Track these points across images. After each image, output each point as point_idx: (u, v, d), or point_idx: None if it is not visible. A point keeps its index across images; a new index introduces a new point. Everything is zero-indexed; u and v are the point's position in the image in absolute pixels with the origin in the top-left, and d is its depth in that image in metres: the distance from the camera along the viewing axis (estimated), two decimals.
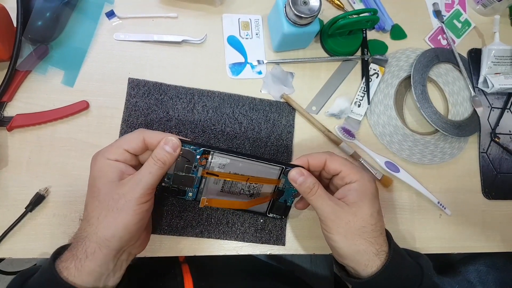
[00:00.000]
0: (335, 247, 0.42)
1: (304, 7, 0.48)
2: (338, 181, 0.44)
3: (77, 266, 0.37)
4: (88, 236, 0.38)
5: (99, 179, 0.39)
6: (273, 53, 0.58)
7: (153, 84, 0.53)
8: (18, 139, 0.49)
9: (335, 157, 0.44)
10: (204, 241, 0.51)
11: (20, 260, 0.95)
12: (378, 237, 0.42)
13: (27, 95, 0.50)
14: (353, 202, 0.41)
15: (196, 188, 0.44)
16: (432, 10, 0.65)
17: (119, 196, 0.38)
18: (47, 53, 0.50)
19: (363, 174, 0.43)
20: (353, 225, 0.41)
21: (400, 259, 0.43)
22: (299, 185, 0.42)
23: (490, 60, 0.62)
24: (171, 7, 0.56)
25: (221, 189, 0.45)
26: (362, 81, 0.59)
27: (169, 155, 0.40)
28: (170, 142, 0.40)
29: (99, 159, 0.40)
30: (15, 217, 0.46)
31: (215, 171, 0.43)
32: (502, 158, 0.62)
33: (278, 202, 0.47)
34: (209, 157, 0.42)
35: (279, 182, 0.45)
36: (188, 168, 0.43)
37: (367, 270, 0.41)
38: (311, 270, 0.68)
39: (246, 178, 0.44)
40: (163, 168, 0.40)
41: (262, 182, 0.45)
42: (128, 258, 0.41)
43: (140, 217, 0.39)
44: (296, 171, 0.43)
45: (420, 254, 0.47)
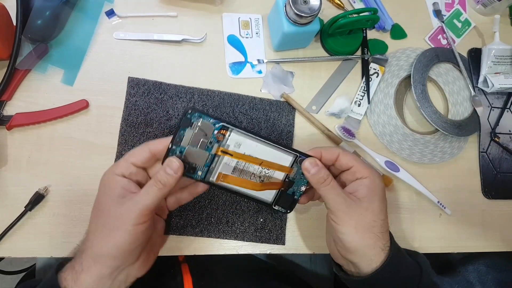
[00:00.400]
0: (343, 240, 0.41)
1: (304, 6, 0.48)
2: (348, 176, 0.44)
3: (73, 278, 0.37)
4: (85, 250, 0.38)
5: (103, 194, 0.40)
6: (273, 52, 0.58)
7: (153, 83, 0.52)
8: (17, 138, 0.49)
9: (347, 152, 0.44)
10: (204, 241, 0.51)
11: (20, 260, 0.95)
12: (385, 232, 0.42)
13: (26, 94, 0.50)
14: (364, 197, 0.42)
15: (206, 167, 0.43)
16: (432, 9, 0.65)
17: (117, 215, 0.38)
18: (47, 52, 0.50)
19: (373, 171, 0.43)
20: (364, 218, 0.41)
21: (400, 256, 0.43)
22: (312, 175, 0.42)
23: (490, 60, 0.62)
24: (171, 6, 0.56)
25: (231, 172, 0.44)
26: (362, 81, 0.59)
27: (170, 177, 0.39)
28: (173, 164, 0.40)
29: (107, 174, 0.41)
30: (14, 216, 0.46)
31: (229, 150, 0.42)
32: (502, 158, 0.62)
33: (286, 194, 0.46)
34: (226, 133, 0.42)
35: (291, 171, 0.45)
36: (203, 143, 0.42)
37: (371, 265, 0.41)
38: (311, 270, 0.68)
39: (260, 162, 0.43)
40: (163, 190, 0.39)
41: (274, 168, 0.44)
42: (127, 280, 0.41)
43: (135, 238, 0.38)
44: (310, 161, 0.43)
45: (418, 253, 0.47)
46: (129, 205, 0.38)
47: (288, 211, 0.47)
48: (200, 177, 0.43)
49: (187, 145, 0.41)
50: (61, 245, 0.47)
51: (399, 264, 0.42)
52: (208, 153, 0.42)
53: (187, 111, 0.40)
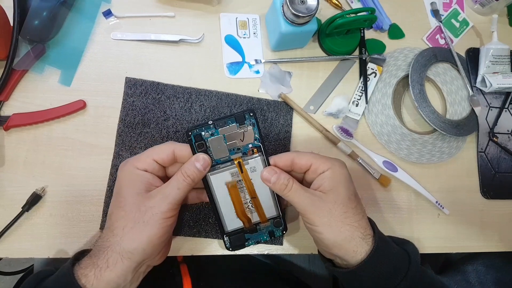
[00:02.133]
0: (321, 239, 0.41)
1: (302, 6, 0.48)
2: (311, 175, 0.43)
3: (96, 275, 0.36)
4: (111, 246, 0.37)
5: (126, 188, 0.39)
6: (270, 52, 0.58)
7: (150, 83, 0.52)
8: (14, 139, 0.49)
9: (302, 153, 0.43)
10: (201, 241, 0.51)
11: (18, 260, 0.95)
12: (360, 220, 0.41)
13: (23, 95, 0.50)
14: (329, 189, 0.41)
15: (216, 162, 0.42)
16: (430, 9, 0.65)
17: (146, 208, 0.38)
18: (44, 52, 0.50)
19: (333, 161, 0.42)
20: (335, 212, 0.40)
21: (386, 245, 0.42)
22: (273, 184, 0.42)
23: (488, 60, 0.62)
24: (169, 6, 0.56)
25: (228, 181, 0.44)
26: (360, 81, 0.59)
27: (199, 173, 0.40)
28: (202, 160, 0.40)
29: (127, 168, 0.40)
30: (11, 216, 0.46)
31: (244, 167, 0.43)
32: (500, 158, 0.62)
33: (243, 234, 0.46)
34: (256, 153, 0.42)
35: (264, 223, 0.46)
36: (233, 144, 0.42)
37: (356, 257, 0.40)
38: (309, 270, 0.68)
39: (253, 195, 0.44)
40: (191, 184, 0.40)
41: (257, 210, 0.45)
42: (146, 270, 0.41)
43: (165, 231, 0.39)
44: (268, 170, 0.42)
45: (406, 241, 0.46)
46: (157, 199, 0.39)
47: (230, 248, 0.46)
48: None
49: (221, 134, 0.41)
50: (58, 246, 0.47)
51: (385, 254, 0.41)
52: (228, 155, 0.42)
53: (253, 110, 0.41)
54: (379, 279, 0.40)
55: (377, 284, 0.40)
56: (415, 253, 0.43)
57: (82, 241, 0.48)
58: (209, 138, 0.41)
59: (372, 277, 0.40)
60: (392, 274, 0.40)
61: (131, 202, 0.38)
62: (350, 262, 0.41)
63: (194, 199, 0.47)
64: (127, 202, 0.39)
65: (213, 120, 0.41)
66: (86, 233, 0.48)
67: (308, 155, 0.43)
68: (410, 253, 0.42)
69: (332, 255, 0.43)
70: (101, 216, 0.48)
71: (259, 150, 0.42)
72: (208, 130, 0.41)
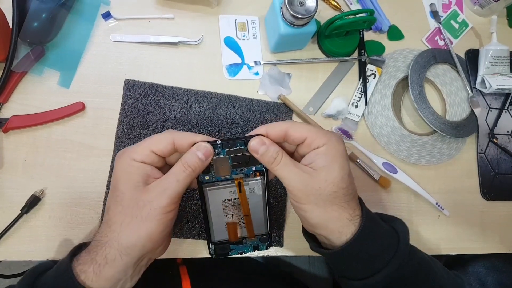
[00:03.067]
0: (306, 217, 0.38)
1: (301, 8, 0.48)
2: (305, 149, 0.39)
3: (95, 271, 0.35)
4: (109, 241, 0.36)
5: (123, 181, 0.37)
6: (270, 54, 0.58)
7: (149, 85, 0.52)
8: (13, 141, 0.49)
9: (297, 124, 0.39)
10: (201, 243, 0.51)
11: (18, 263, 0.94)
12: (350, 201, 0.39)
13: (23, 97, 0.50)
14: (322, 166, 0.37)
15: (216, 179, 0.41)
16: (429, 10, 0.65)
17: (144, 203, 0.36)
18: (43, 54, 0.50)
19: (330, 136, 0.39)
20: (324, 191, 0.37)
21: (373, 226, 0.40)
22: (261, 156, 0.38)
23: (488, 61, 0.62)
24: (168, 8, 0.56)
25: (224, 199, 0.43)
26: (359, 82, 0.59)
27: (200, 162, 0.38)
28: (204, 149, 0.38)
29: (124, 159, 0.38)
30: (10, 219, 0.46)
31: (243, 188, 0.42)
32: (500, 159, 0.62)
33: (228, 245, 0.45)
34: (258, 177, 0.41)
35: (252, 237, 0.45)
36: (237, 165, 0.40)
37: (341, 238, 0.38)
38: (309, 272, 0.68)
39: (247, 213, 0.43)
40: (192, 175, 0.37)
41: (247, 226, 0.44)
42: (147, 263, 0.40)
43: (165, 226, 0.37)
44: (257, 140, 0.38)
45: (395, 218, 0.43)
46: (156, 192, 0.36)
47: (213, 255, 0.45)
48: (204, 179, 0.41)
49: (226, 154, 0.39)
50: (57, 248, 0.47)
51: (373, 235, 0.39)
52: (230, 174, 0.41)
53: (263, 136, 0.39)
54: (366, 260, 0.38)
55: (364, 265, 0.38)
56: (404, 231, 0.40)
57: (90, 238, 0.48)
58: (215, 157, 0.39)
59: (358, 257, 0.38)
60: (380, 254, 0.38)
61: (128, 196, 0.36)
62: (334, 242, 0.39)
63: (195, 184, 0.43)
64: (124, 197, 0.36)
65: (222, 140, 0.39)
66: (85, 235, 0.48)
67: (304, 127, 0.39)
68: (399, 231, 0.40)
69: (316, 233, 0.41)
70: (100, 218, 0.48)
71: (261, 173, 0.41)
72: (216, 148, 0.39)
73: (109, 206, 0.38)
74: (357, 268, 0.39)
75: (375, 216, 0.41)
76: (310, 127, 0.39)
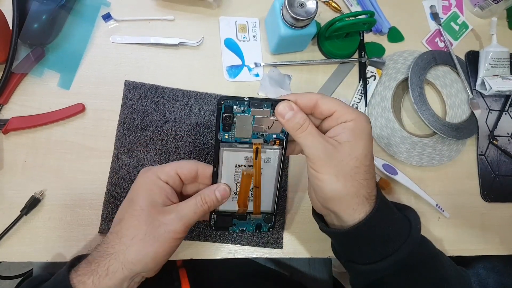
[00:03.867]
0: (322, 188, 0.37)
1: (301, 9, 0.48)
2: (332, 122, 0.38)
3: (94, 282, 0.36)
4: (115, 253, 0.37)
5: (144, 196, 0.38)
6: (270, 55, 0.58)
7: (149, 86, 0.52)
8: (13, 142, 0.49)
9: (327, 97, 0.39)
10: (200, 245, 0.51)
11: (18, 265, 0.94)
12: (370, 179, 0.38)
13: (23, 98, 0.50)
14: (347, 141, 0.37)
15: (235, 141, 0.40)
16: (429, 12, 0.65)
17: (160, 223, 0.37)
18: (43, 55, 0.50)
19: (359, 114, 0.38)
20: (346, 165, 0.36)
21: (387, 209, 0.39)
22: (287, 121, 0.37)
23: (488, 62, 0.62)
24: (168, 10, 0.56)
25: (238, 164, 0.42)
26: (360, 84, 0.59)
27: (216, 202, 0.40)
28: (222, 190, 0.40)
29: (150, 176, 0.40)
30: (10, 220, 0.46)
31: (260, 155, 0.41)
32: (501, 161, 0.62)
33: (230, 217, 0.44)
34: (278, 145, 0.41)
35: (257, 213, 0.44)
36: (259, 128, 0.39)
37: (354, 215, 0.37)
38: (309, 274, 0.68)
39: (258, 185, 0.43)
40: (206, 211, 0.40)
41: (255, 200, 0.43)
42: (140, 281, 0.41)
43: (171, 249, 0.39)
44: (285, 104, 0.37)
45: (408, 207, 0.43)
46: (173, 216, 0.38)
47: (214, 227, 0.44)
48: (223, 137, 0.40)
49: (252, 114, 0.39)
50: (57, 249, 0.47)
51: (386, 218, 0.38)
52: (250, 137, 0.40)
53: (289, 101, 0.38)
54: (377, 243, 0.38)
55: (373, 248, 0.38)
56: (417, 220, 0.40)
57: (81, 244, 0.48)
58: (239, 113, 0.39)
59: (369, 239, 0.38)
60: (392, 238, 0.38)
61: (146, 212, 0.38)
62: (346, 221, 0.38)
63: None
64: (142, 212, 0.38)
65: (250, 98, 0.38)
66: (85, 236, 0.48)
67: (334, 100, 0.38)
68: (411, 219, 0.40)
69: (326, 210, 0.40)
70: (100, 219, 0.48)
71: (281, 143, 0.40)
72: (241, 105, 0.38)
73: (123, 217, 0.39)
74: (367, 251, 0.39)
75: (389, 201, 0.41)
76: (340, 102, 0.38)
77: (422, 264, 0.39)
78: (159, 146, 0.51)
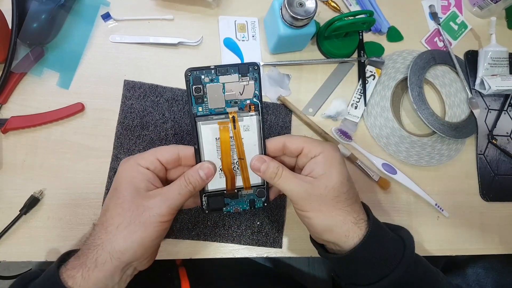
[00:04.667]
0: (312, 224, 0.40)
1: (300, 9, 0.48)
2: (303, 159, 0.41)
3: (84, 276, 0.35)
4: (102, 244, 0.36)
5: (126, 184, 0.38)
6: (269, 55, 0.58)
7: (149, 86, 0.52)
8: (13, 142, 0.49)
9: (294, 136, 0.42)
10: (200, 244, 0.51)
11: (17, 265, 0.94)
12: (353, 204, 0.40)
13: (22, 97, 0.50)
14: (321, 174, 0.39)
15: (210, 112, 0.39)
16: (429, 12, 0.65)
17: (144, 208, 0.37)
18: (43, 55, 0.50)
19: (326, 145, 0.41)
20: (325, 197, 0.39)
21: (380, 230, 0.41)
22: (263, 173, 0.40)
23: (487, 62, 0.62)
24: (167, 9, 0.56)
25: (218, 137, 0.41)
26: (359, 83, 0.59)
27: (201, 181, 0.39)
28: (206, 169, 0.40)
29: (130, 163, 0.39)
30: (9, 219, 0.46)
31: (238, 123, 0.41)
32: (500, 160, 0.62)
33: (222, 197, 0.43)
34: (253, 111, 0.40)
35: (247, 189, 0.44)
36: (232, 95, 0.39)
37: (348, 242, 0.39)
38: (308, 273, 0.68)
39: (242, 157, 0.42)
40: (192, 192, 0.39)
41: (243, 173, 0.42)
42: (132, 273, 0.40)
43: (158, 235, 0.38)
44: (257, 158, 0.40)
45: (400, 227, 0.44)
46: (157, 200, 0.37)
47: (207, 211, 0.43)
48: (197, 112, 0.40)
49: (221, 82, 0.39)
50: (56, 249, 0.47)
51: (380, 239, 0.40)
52: (224, 106, 0.40)
53: (257, 64, 0.39)
54: (373, 264, 0.39)
55: (371, 269, 0.39)
56: (410, 239, 0.41)
57: (80, 244, 0.48)
58: (208, 83, 0.39)
59: (366, 262, 0.39)
60: (387, 259, 0.39)
61: (129, 199, 0.37)
62: (343, 247, 0.39)
63: (190, 204, 0.45)
64: (125, 199, 0.37)
65: (216, 66, 0.38)
66: (84, 236, 0.48)
67: (300, 138, 0.41)
68: (405, 239, 0.41)
69: (324, 241, 0.42)
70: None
71: (256, 108, 0.40)
72: (209, 75, 0.38)
73: (107, 207, 0.38)
74: (365, 273, 0.40)
75: (381, 223, 0.42)
76: (306, 138, 0.41)
77: (419, 282, 0.40)
78: (159, 146, 0.51)
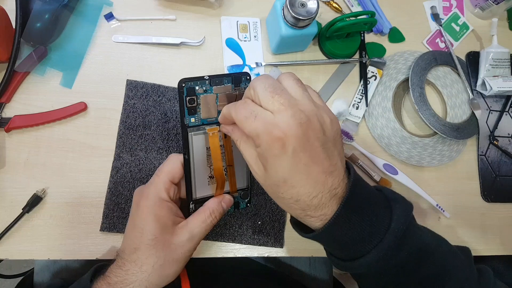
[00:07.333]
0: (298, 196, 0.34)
1: (302, 9, 0.48)
2: None
3: None
4: (138, 281, 0.38)
5: (154, 225, 0.39)
6: (271, 55, 0.58)
7: (151, 85, 0.53)
8: (16, 140, 0.49)
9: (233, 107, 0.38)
10: (201, 243, 0.50)
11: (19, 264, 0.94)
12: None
13: (25, 97, 0.50)
14: None
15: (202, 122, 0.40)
16: (430, 13, 0.66)
17: (176, 247, 0.39)
18: (46, 54, 0.51)
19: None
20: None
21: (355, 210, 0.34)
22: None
23: (488, 63, 0.62)
24: (170, 10, 0.56)
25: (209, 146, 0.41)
26: (360, 84, 0.59)
27: (223, 212, 0.43)
28: (228, 201, 0.43)
29: (152, 199, 0.40)
30: (12, 218, 0.46)
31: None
32: (501, 161, 0.62)
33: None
34: None
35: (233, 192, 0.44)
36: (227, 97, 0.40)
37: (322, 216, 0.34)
38: (309, 274, 0.68)
39: (231, 164, 0.42)
40: (214, 223, 0.42)
41: (230, 179, 0.43)
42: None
43: (186, 263, 0.41)
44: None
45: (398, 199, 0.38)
46: (187, 237, 0.40)
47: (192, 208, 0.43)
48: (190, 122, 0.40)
49: (215, 92, 0.39)
50: (58, 247, 0.47)
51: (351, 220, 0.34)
52: (216, 116, 0.40)
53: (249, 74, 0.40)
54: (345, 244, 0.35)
55: (346, 246, 0.36)
56: (400, 220, 0.35)
57: (82, 242, 0.48)
58: (202, 94, 0.39)
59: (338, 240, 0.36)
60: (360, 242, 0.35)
61: (161, 240, 0.39)
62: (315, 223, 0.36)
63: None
64: (158, 241, 0.39)
65: (210, 76, 0.38)
66: (87, 234, 0.48)
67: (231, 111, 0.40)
68: (393, 219, 0.35)
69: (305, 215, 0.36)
70: (101, 217, 0.48)
71: None
72: (203, 85, 0.38)
73: (138, 247, 0.39)
74: (339, 249, 0.37)
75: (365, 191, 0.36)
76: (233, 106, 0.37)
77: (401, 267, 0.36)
78: (161, 145, 0.51)
